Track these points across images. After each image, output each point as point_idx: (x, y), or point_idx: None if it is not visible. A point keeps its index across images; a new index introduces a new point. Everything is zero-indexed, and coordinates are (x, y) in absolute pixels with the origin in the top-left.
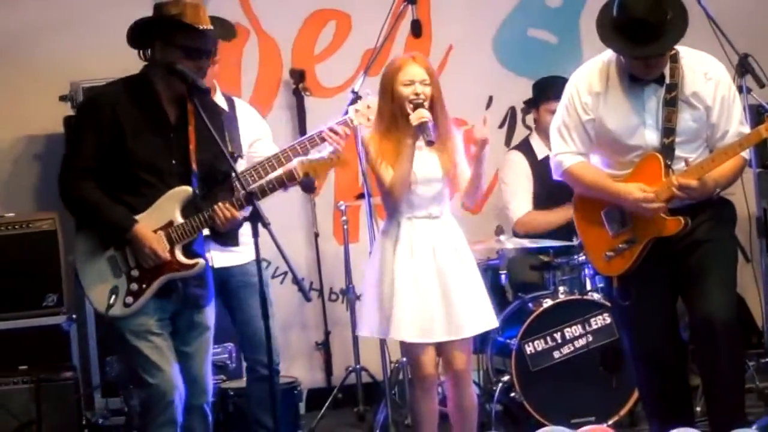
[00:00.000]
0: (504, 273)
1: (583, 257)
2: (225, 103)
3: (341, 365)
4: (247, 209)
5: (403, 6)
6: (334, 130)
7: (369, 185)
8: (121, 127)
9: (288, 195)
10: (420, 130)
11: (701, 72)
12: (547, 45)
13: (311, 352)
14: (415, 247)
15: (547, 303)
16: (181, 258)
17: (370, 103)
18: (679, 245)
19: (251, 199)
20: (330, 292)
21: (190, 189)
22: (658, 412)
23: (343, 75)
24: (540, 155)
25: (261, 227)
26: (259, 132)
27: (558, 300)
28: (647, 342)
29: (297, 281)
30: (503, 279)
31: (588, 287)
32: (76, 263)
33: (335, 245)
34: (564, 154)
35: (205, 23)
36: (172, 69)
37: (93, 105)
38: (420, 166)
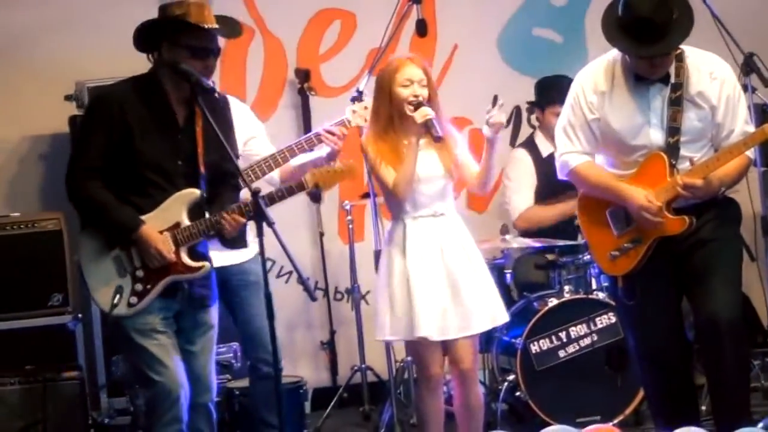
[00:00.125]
0: (509, 272)
1: (588, 256)
2: None
3: (346, 364)
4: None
5: (408, 5)
6: (330, 131)
7: (374, 184)
8: (130, 127)
9: None
10: (427, 127)
11: (706, 71)
12: (553, 44)
13: (316, 351)
14: (424, 247)
15: (553, 302)
16: (187, 260)
17: (367, 104)
18: (684, 244)
19: (256, 199)
20: (335, 291)
21: (197, 191)
22: (663, 411)
23: (348, 74)
24: (544, 153)
25: (266, 226)
26: (254, 130)
27: (563, 299)
28: (652, 341)
29: (302, 281)
30: (508, 278)
31: (593, 286)
32: (80, 262)
33: (340, 244)
34: (570, 153)
35: (210, 22)
36: (176, 68)
37: (102, 104)
38: (420, 164)
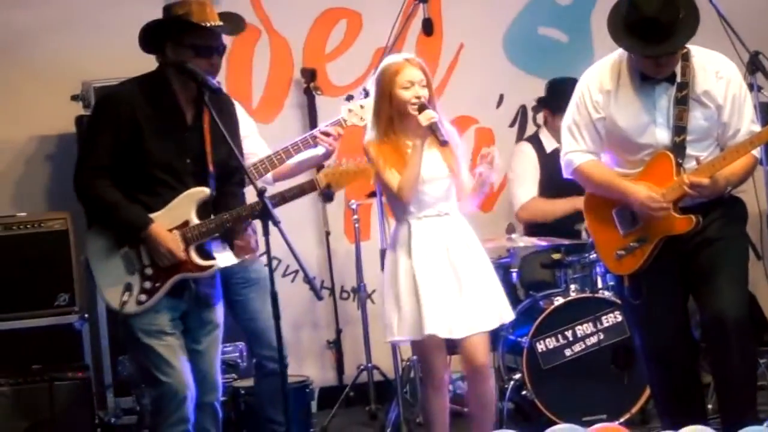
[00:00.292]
0: (515, 271)
1: (595, 255)
2: None
3: (353, 364)
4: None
5: (414, 4)
6: (326, 131)
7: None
8: (139, 126)
9: None
10: (431, 130)
11: (712, 70)
12: (558, 43)
13: (323, 350)
14: (429, 247)
15: (559, 301)
16: (196, 259)
17: (363, 103)
18: (690, 243)
19: (262, 198)
20: (341, 290)
21: (207, 190)
22: (669, 409)
23: (354, 74)
24: (548, 149)
25: (271, 225)
26: (246, 129)
27: (569, 298)
28: (659, 340)
29: (308, 280)
30: (514, 277)
31: (599, 285)
32: (89, 260)
33: (346, 243)
34: (574, 152)
35: (213, 20)
36: (182, 68)
37: (110, 103)
38: (424, 165)
